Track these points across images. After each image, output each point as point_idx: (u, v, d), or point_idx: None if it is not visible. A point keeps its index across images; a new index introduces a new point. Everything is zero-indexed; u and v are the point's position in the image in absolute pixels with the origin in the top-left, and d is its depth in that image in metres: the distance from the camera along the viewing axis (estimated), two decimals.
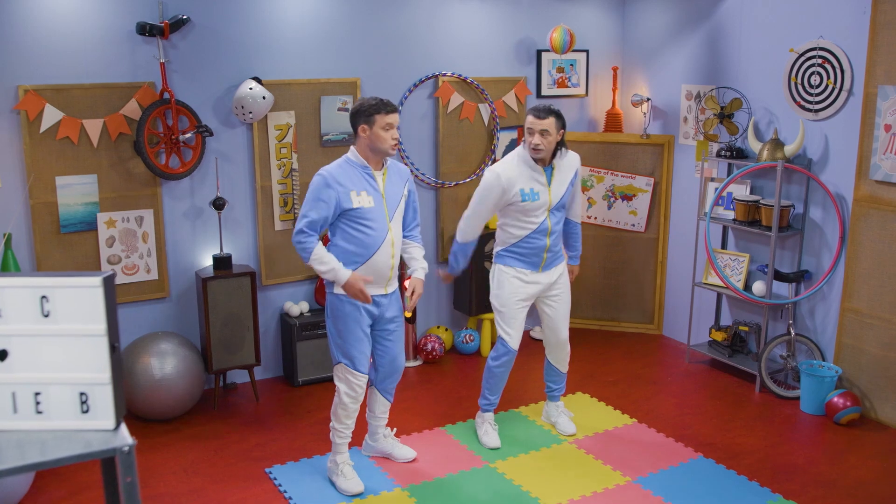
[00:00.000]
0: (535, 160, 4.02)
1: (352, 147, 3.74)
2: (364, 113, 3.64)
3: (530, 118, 3.99)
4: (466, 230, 4.14)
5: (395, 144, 3.68)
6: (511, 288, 4.15)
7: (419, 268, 3.92)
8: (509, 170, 4.01)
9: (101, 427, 1.47)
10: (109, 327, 1.42)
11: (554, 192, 4.09)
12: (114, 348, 1.43)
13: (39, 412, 1.48)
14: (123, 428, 1.48)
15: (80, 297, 1.41)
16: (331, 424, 3.92)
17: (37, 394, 1.48)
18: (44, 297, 1.44)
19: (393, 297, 3.86)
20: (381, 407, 4.08)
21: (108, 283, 1.42)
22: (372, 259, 3.69)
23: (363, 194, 3.67)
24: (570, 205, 4.31)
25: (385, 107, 3.66)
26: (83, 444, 1.40)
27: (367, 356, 3.80)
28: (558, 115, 4.00)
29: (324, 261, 3.61)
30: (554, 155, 4.06)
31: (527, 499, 3.83)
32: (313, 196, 3.62)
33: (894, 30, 4.34)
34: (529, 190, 4.02)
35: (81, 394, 1.45)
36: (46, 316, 1.45)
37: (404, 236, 3.93)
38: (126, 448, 1.36)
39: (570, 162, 4.17)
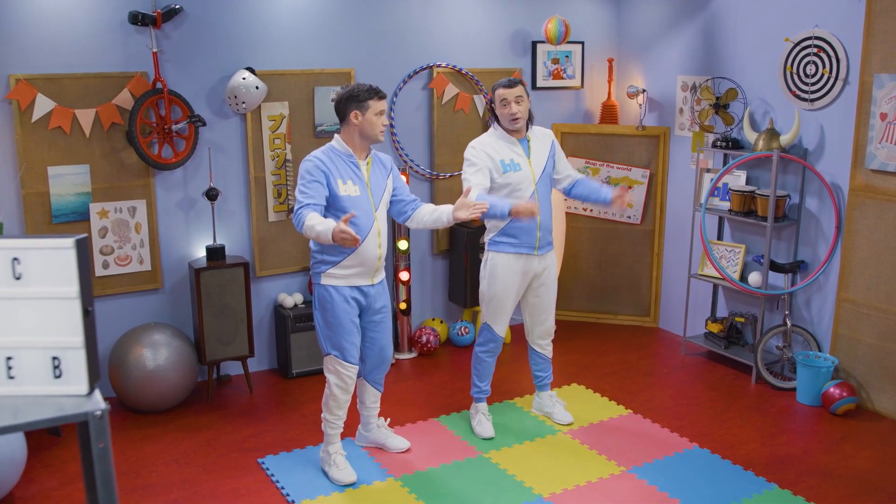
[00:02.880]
0: (512, 132, 4.06)
1: (336, 135, 3.72)
2: (356, 98, 3.62)
3: (502, 91, 4.02)
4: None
5: (383, 131, 3.68)
6: (505, 280, 4.11)
7: (444, 209, 3.82)
8: (486, 141, 4.06)
9: (74, 392, 1.44)
10: (82, 290, 1.40)
11: (535, 164, 4.10)
12: (87, 312, 1.42)
13: (11, 377, 1.46)
14: (97, 394, 1.46)
15: (53, 259, 1.39)
16: (322, 415, 3.90)
17: (8, 358, 1.46)
18: (15, 259, 1.42)
19: (380, 288, 3.84)
20: (372, 397, 4.06)
21: (81, 245, 1.40)
22: (358, 249, 3.66)
23: (349, 183, 3.65)
24: (563, 171, 4.26)
25: (378, 93, 3.66)
26: (56, 408, 1.38)
27: (356, 347, 3.78)
28: (524, 84, 4.09)
29: (314, 222, 3.43)
30: (527, 127, 4.13)
31: (520, 488, 3.81)
32: (309, 178, 3.58)
33: (890, 18, 4.32)
34: (510, 161, 4.04)
35: (54, 358, 1.43)
36: (18, 279, 1.43)
37: (413, 210, 3.88)
38: (98, 412, 1.34)
39: (544, 135, 4.21)
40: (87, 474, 1.38)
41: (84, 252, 1.42)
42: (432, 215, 3.84)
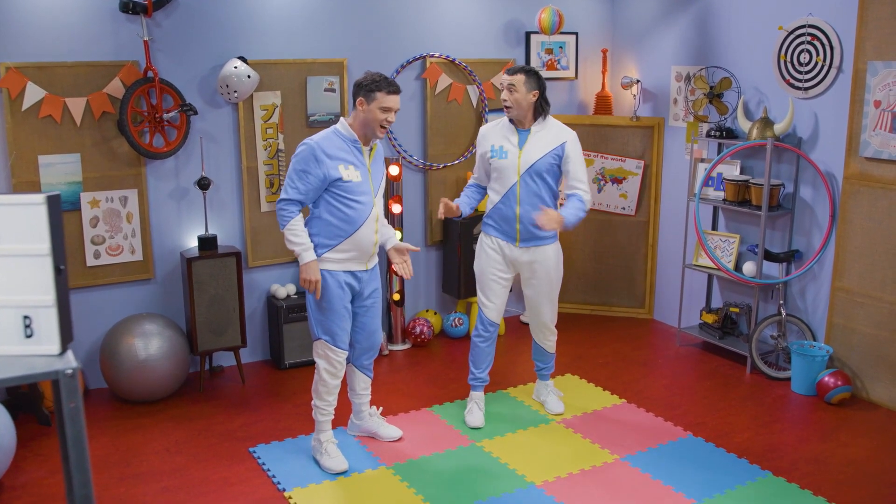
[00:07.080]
0: (511, 120, 4.06)
1: (342, 118, 3.69)
2: (366, 87, 3.57)
3: (502, 75, 4.09)
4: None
5: (385, 130, 3.63)
6: (487, 258, 4.17)
7: (391, 235, 3.92)
8: (490, 125, 4.18)
9: (45, 352, 1.42)
10: (54, 248, 1.38)
11: (525, 157, 3.99)
12: (59, 270, 1.39)
13: None
14: (69, 354, 1.44)
15: (24, 216, 1.37)
16: (312, 402, 3.88)
17: None
18: None
19: (373, 273, 3.83)
20: (362, 384, 4.03)
21: (53, 202, 1.38)
22: (355, 234, 3.64)
23: (350, 168, 3.61)
24: (567, 182, 4.07)
25: (389, 86, 3.57)
26: (27, 367, 1.36)
27: (347, 332, 3.76)
28: (529, 73, 3.95)
29: (297, 234, 3.60)
30: (534, 119, 4.03)
31: (513, 476, 3.78)
32: (301, 167, 3.56)
33: (883, 5, 4.30)
34: (499, 147, 4.05)
35: (25, 317, 1.41)
36: None
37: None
38: (69, 371, 1.32)
39: (556, 133, 4.03)
40: (60, 437, 1.36)
41: (56, 209, 1.39)
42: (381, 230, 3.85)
